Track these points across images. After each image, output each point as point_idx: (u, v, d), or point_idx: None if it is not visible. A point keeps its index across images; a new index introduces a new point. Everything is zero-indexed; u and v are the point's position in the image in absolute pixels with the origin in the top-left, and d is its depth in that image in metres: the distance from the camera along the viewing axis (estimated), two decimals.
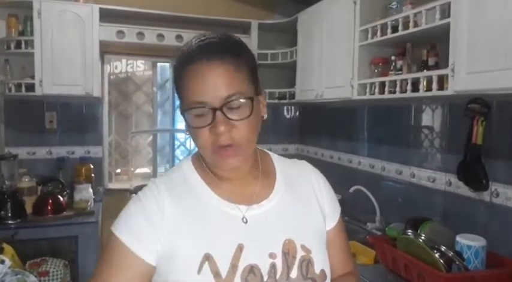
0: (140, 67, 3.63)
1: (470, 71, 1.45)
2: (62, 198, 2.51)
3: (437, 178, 1.99)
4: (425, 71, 1.82)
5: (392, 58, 2.05)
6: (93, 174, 2.93)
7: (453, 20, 1.53)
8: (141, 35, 2.96)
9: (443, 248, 1.50)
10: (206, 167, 0.83)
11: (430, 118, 2.08)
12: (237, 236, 0.77)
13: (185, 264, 0.74)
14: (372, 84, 2.13)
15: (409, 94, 1.85)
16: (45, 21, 2.64)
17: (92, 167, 2.94)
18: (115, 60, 3.48)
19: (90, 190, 2.67)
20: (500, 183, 1.65)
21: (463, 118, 1.71)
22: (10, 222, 2.30)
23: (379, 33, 2.03)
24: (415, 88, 1.83)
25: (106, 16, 2.84)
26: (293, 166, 0.92)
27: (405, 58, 1.98)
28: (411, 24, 1.80)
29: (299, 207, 0.85)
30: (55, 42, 2.66)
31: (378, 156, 2.46)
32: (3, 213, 2.31)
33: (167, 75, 3.51)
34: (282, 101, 3.23)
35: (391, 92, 2.00)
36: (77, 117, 3.06)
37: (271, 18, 3.30)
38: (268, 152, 0.93)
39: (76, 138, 3.06)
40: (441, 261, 1.47)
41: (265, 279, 0.75)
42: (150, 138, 3.62)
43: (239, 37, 0.81)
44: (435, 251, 1.51)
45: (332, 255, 0.86)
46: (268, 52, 3.17)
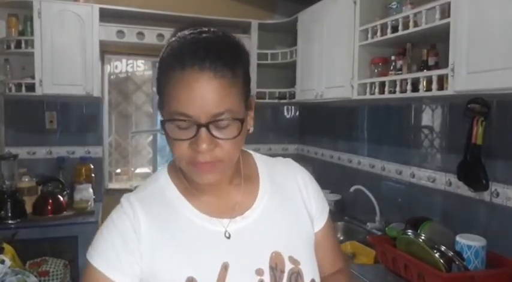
0: (140, 67, 3.63)
1: (470, 71, 1.45)
2: (62, 198, 2.52)
3: (437, 178, 1.99)
4: (425, 71, 1.82)
5: (392, 58, 2.05)
6: (93, 174, 2.93)
7: (453, 19, 1.53)
8: (141, 34, 2.96)
9: (443, 248, 1.51)
10: (184, 178, 0.76)
11: (430, 118, 2.08)
12: (220, 253, 0.71)
13: None
14: (372, 84, 2.13)
15: (409, 94, 1.85)
16: (45, 21, 2.63)
17: (92, 167, 2.95)
18: (115, 60, 3.47)
19: (90, 190, 2.68)
20: (500, 183, 1.65)
21: (463, 118, 1.71)
22: (10, 222, 2.31)
23: (379, 33, 2.03)
24: (415, 88, 1.83)
25: (106, 16, 2.84)
26: (277, 166, 0.86)
27: (405, 58, 1.98)
28: (411, 24, 1.79)
29: (285, 213, 0.80)
30: (55, 42, 2.66)
31: (378, 156, 2.46)
32: (3, 213, 2.31)
33: None
34: (282, 101, 3.23)
35: (391, 92, 2.00)
36: (77, 117, 3.06)
37: (271, 18, 3.30)
38: (251, 152, 0.87)
39: (76, 138, 3.06)
40: (441, 261, 1.47)
41: None
42: (150, 138, 3.62)
43: (238, 37, 0.74)
44: (435, 251, 1.51)
45: (320, 256, 0.83)
46: (268, 52, 3.17)
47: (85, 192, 2.62)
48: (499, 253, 1.56)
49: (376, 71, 2.15)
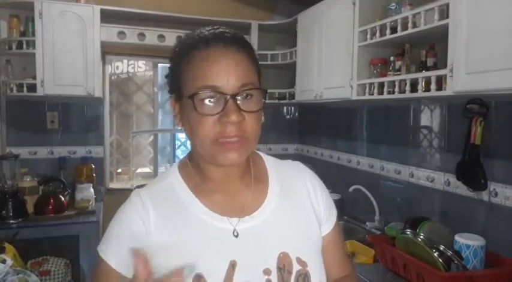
0: (141, 68, 3.64)
1: (469, 71, 1.46)
2: (63, 198, 2.52)
3: (436, 178, 2.00)
4: (424, 71, 1.83)
5: (391, 59, 2.06)
6: (94, 174, 2.95)
7: (452, 20, 1.54)
8: (142, 35, 2.98)
9: (442, 247, 1.51)
10: (195, 175, 0.78)
11: (429, 118, 2.09)
12: (229, 252, 0.72)
13: None
14: (371, 84, 2.14)
15: (408, 94, 1.86)
16: (46, 22, 2.65)
17: (93, 166, 2.96)
18: (116, 61, 3.48)
19: (92, 190, 2.68)
20: (499, 183, 1.65)
21: (462, 118, 1.72)
22: (11, 221, 2.31)
23: (378, 34, 2.04)
24: (414, 88, 1.84)
25: (107, 17, 2.85)
26: (287, 168, 0.87)
27: (404, 59, 1.99)
28: (410, 25, 1.80)
29: (293, 216, 0.80)
30: (56, 42, 2.67)
31: (377, 156, 2.47)
32: (4, 212, 2.32)
33: None
34: (281, 101, 3.24)
35: (390, 92, 2.01)
36: (79, 117, 3.08)
37: (271, 19, 3.31)
38: (261, 153, 0.88)
39: (77, 138, 3.07)
40: (440, 260, 1.48)
41: None
42: (151, 138, 3.63)
43: None
44: (434, 251, 1.51)
45: (328, 260, 0.83)
46: (268, 53, 3.18)
47: (86, 192, 2.63)
48: (498, 252, 1.56)
49: (375, 71, 2.16)
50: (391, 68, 2.06)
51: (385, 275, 1.71)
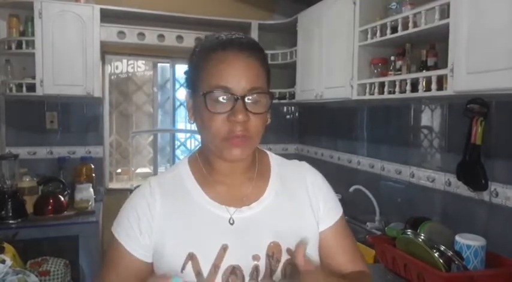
0: (141, 67, 3.63)
1: (470, 71, 1.45)
2: (62, 198, 2.52)
3: (437, 178, 2.00)
4: (424, 71, 1.83)
5: (392, 58, 2.06)
6: (93, 174, 2.94)
7: (452, 20, 1.54)
8: (141, 35, 2.97)
9: (443, 247, 1.51)
10: (202, 167, 0.85)
11: (430, 118, 2.08)
12: (222, 236, 0.78)
13: (171, 262, 0.77)
14: (372, 84, 2.13)
15: (409, 94, 1.86)
16: (46, 22, 2.64)
17: (93, 166, 2.95)
18: (116, 61, 3.48)
19: (91, 190, 2.68)
20: (500, 183, 1.65)
21: (463, 118, 1.71)
22: (11, 221, 2.31)
23: (378, 34, 2.03)
24: (414, 88, 1.84)
25: (107, 16, 2.85)
26: (289, 168, 0.91)
27: (404, 58, 1.99)
28: (410, 24, 1.80)
29: (288, 211, 0.84)
30: (56, 42, 2.67)
31: (378, 156, 2.47)
32: (4, 213, 2.32)
33: (167, 75, 3.51)
34: (282, 101, 3.23)
35: (390, 92, 2.00)
36: (78, 117, 3.07)
37: (271, 19, 3.30)
38: (268, 152, 0.93)
39: (77, 138, 3.06)
40: (440, 260, 1.47)
41: (247, 280, 0.76)
42: (151, 138, 3.62)
43: None
44: (434, 251, 1.51)
45: (331, 256, 0.87)
46: (268, 52, 3.17)
47: (85, 192, 2.62)
48: (498, 253, 1.56)
49: (375, 71, 2.16)
50: (391, 67, 2.05)
51: (386, 275, 1.70)
